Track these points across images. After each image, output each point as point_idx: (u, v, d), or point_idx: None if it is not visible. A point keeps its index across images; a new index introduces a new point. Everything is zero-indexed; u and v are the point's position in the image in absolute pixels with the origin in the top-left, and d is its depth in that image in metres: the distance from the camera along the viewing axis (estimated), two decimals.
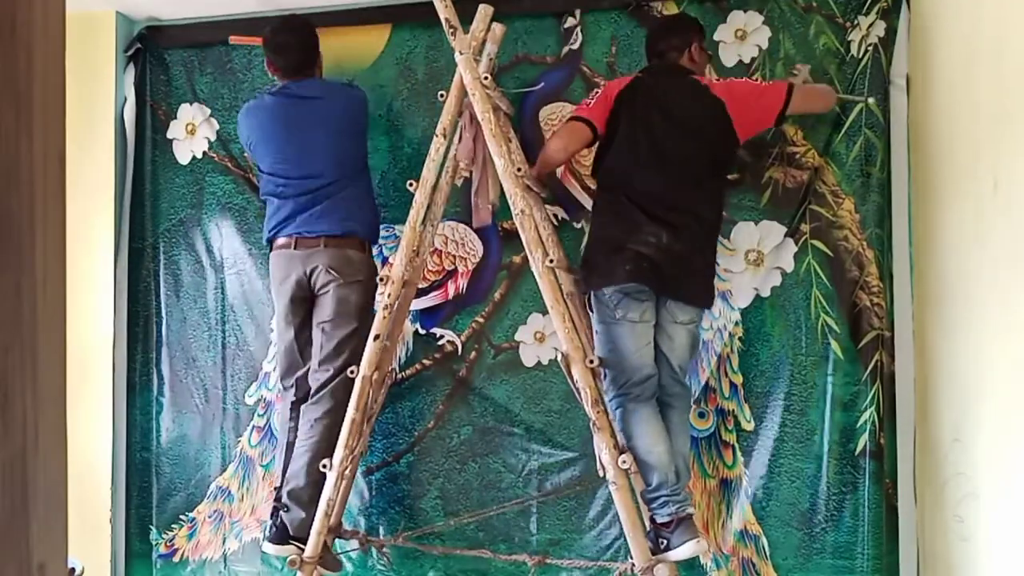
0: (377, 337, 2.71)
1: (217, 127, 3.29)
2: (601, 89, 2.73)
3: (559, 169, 2.93)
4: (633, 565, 2.51)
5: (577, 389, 2.56)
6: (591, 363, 2.54)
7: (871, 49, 2.79)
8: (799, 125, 2.84)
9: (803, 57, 2.85)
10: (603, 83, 2.84)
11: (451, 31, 2.70)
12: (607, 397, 2.57)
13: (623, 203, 2.59)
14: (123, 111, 3.33)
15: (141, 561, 3.26)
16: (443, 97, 2.76)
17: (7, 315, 0.61)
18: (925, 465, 2.66)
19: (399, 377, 3.04)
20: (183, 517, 3.24)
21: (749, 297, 2.86)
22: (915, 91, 2.77)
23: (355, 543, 2.96)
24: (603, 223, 2.66)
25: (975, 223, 2.27)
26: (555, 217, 2.92)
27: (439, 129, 2.74)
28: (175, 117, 3.33)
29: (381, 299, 2.75)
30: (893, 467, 2.74)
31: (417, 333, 3.08)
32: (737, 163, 2.80)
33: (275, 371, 3.13)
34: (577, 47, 3.02)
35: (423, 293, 3.04)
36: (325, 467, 2.71)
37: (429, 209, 2.77)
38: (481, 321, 3.04)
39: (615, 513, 2.63)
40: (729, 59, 2.91)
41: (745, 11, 2.90)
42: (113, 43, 3.29)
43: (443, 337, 3.07)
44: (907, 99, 2.79)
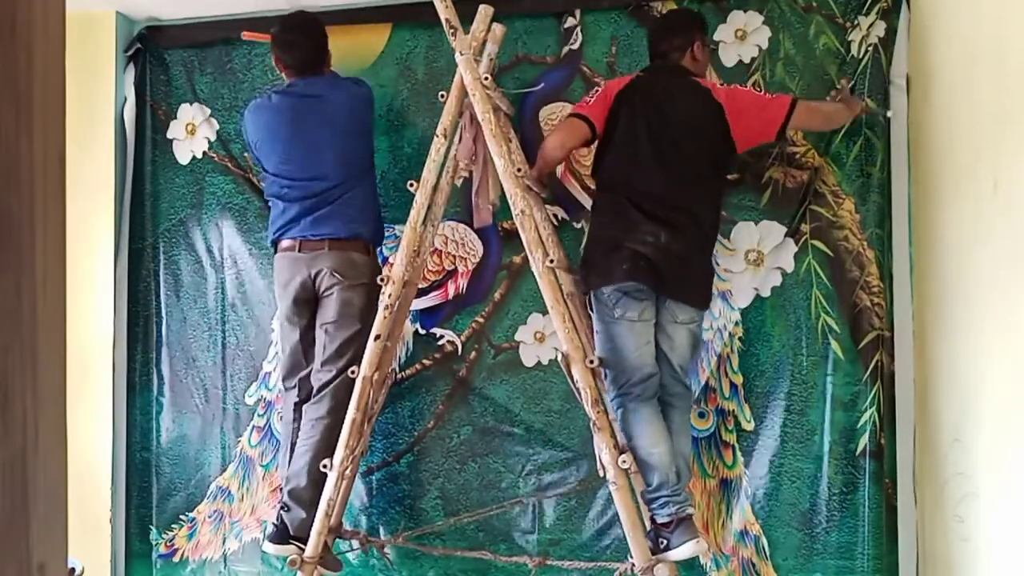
0: (378, 337, 2.72)
1: (217, 127, 3.29)
2: (601, 88, 2.73)
3: (559, 169, 2.93)
4: (633, 565, 2.51)
5: (577, 389, 2.56)
6: (591, 363, 2.54)
7: (871, 49, 2.79)
8: None
9: (803, 57, 2.85)
10: (603, 83, 2.84)
11: (451, 31, 2.70)
12: (608, 397, 2.57)
13: (622, 203, 2.58)
14: (123, 111, 3.33)
15: (141, 561, 3.26)
16: (443, 97, 2.76)
17: (7, 315, 0.61)
18: (925, 465, 2.66)
19: (399, 377, 3.04)
20: (183, 517, 3.24)
21: (749, 297, 2.85)
22: (915, 91, 2.77)
23: (355, 543, 2.96)
24: (602, 223, 2.66)
25: (975, 223, 2.27)
26: (555, 217, 2.92)
27: (439, 129, 2.74)
28: (175, 117, 3.33)
29: (382, 299, 2.75)
30: (893, 467, 2.74)
31: (417, 333, 3.08)
32: (736, 164, 2.80)
33: (275, 371, 3.13)
34: (577, 47, 3.02)
35: (423, 293, 3.04)
36: (326, 467, 2.72)
37: (429, 209, 2.77)
38: (481, 321, 3.04)
39: (615, 513, 2.62)
40: (729, 59, 2.91)
41: (745, 11, 2.90)
42: (113, 43, 3.29)
43: (443, 337, 3.07)
44: (907, 99, 2.79)
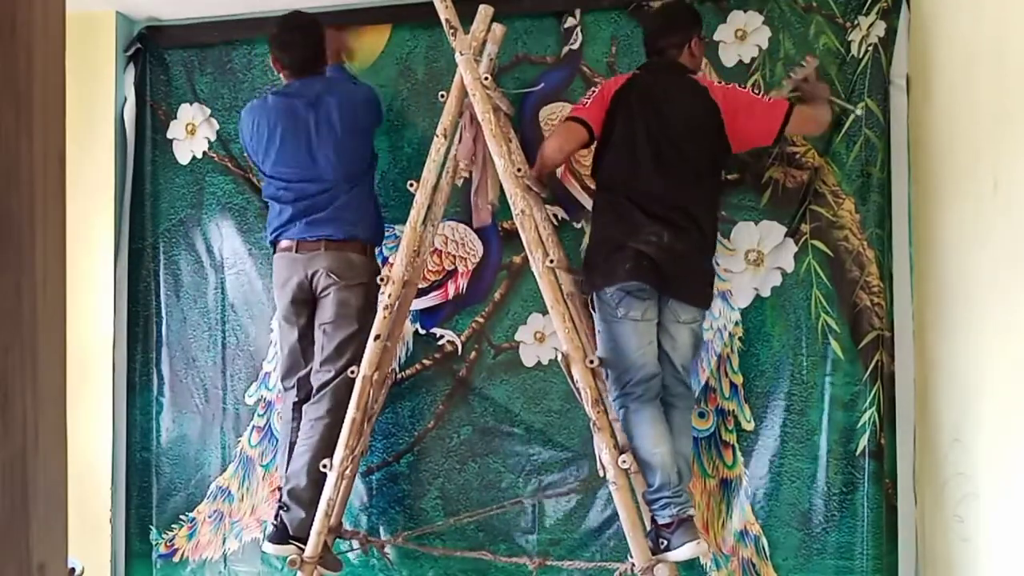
0: (378, 337, 2.72)
1: (217, 127, 3.29)
2: (597, 88, 2.72)
3: (559, 169, 2.93)
4: (633, 565, 2.51)
5: (577, 389, 2.56)
6: (591, 363, 2.54)
7: (871, 49, 2.79)
8: None
9: (803, 57, 2.84)
10: (600, 82, 2.84)
11: (451, 31, 2.70)
12: (610, 397, 2.57)
13: (623, 203, 2.58)
14: (123, 111, 3.33)
15: (141, 561, 3.26)
16: (443, 97, 2.76)
17: (7, 315, 0.61)
18: (925, 465, 2.66)
19: (399, 377, 3.04)
20: (183, 517, 3.24)
21: (749, 297, 2.85)
22: (915, 91, 2.77)
23: (355, 543, 2.96)
24: (603, 223, 2.66)
25: (975, 223, 2.27)
26: (555, 217, 2.92)
27: (439, 129, 2.74)
28: (175, 117, 3.33)
29: (381, 299, 2.75)
30: (893, 467, 2.74)
31: (417, 333, 3.08)
32: (734, 164, 2.80)
33: (275, 371, 3.13)
34: (577, 47, 3.02)
35: (423, 293, 3.03)
36: (325, 467, 2.72)
37: (429, 209, 2.77)
38: (481, 321, 3.04)
39: (615, 513, 2.62)
40: (729, 59, 2.90)
41: (745, 11, 2.90)
42: (113, 43, 3.29)
43: (443, 337, 3.07)
44: (907, 99, 2.79)
